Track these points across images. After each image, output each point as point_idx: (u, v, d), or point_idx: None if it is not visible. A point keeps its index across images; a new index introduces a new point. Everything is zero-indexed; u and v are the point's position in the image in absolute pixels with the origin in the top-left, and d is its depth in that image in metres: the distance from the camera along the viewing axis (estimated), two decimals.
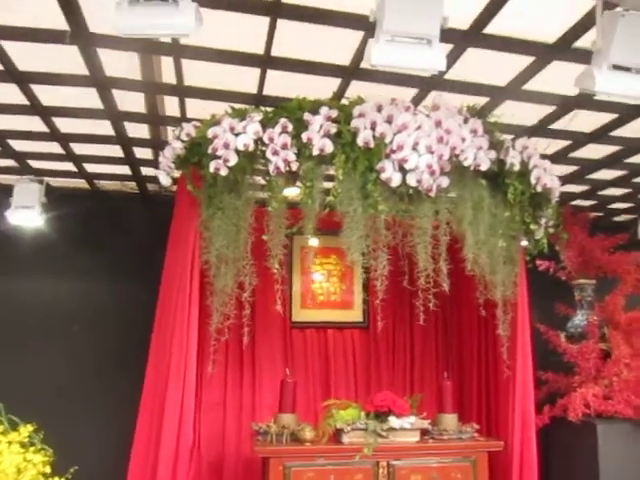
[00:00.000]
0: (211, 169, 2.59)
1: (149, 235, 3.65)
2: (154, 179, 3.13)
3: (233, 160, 2.58)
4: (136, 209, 4.08)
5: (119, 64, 2.41)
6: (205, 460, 3.76)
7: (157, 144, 3.23)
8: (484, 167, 2.64)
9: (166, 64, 2.47)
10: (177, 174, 2.93)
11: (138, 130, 3.16)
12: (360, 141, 2.50)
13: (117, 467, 3.06)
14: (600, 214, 4.65)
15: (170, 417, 2.88)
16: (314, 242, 4.16)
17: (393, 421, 2.93)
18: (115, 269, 3.95)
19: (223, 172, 2.59)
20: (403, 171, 2.54)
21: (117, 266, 3.96)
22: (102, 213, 4.05)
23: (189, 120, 2.83)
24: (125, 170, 3.64)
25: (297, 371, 4.06)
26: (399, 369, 4.21)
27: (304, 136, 2.49)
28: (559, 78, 2.31)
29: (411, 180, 2.53)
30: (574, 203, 4.27)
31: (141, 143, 3.33)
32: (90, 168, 3.67)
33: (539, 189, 2.87)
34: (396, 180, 2.54)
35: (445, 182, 2.62)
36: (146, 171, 3.67)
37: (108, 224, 4.01)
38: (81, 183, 3.91)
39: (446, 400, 3.21)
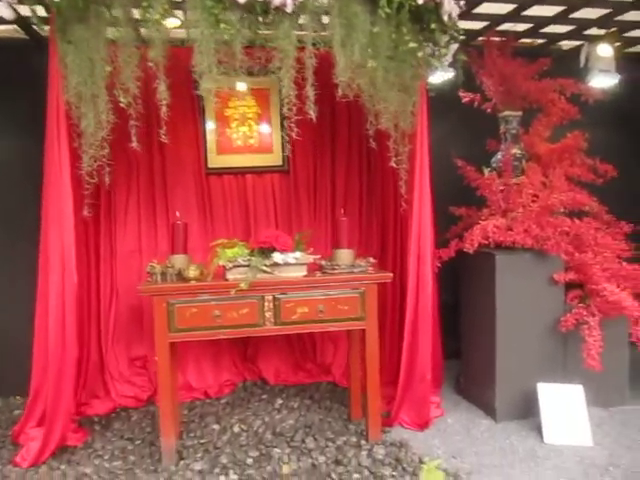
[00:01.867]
0: None
1: (42, 84, 3.44)
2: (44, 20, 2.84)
3: None
4: (31, 57, 3.80)
5: None
6: (125, 304, 3.89)
7: None
8: None
9: None
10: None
11: None
12: None
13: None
14: (542, 41, 4.33)
15: (54, 261, 2.90)
16: (241, 86, 3.95)
17: (277, 257, 2.93)
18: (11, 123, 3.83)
19: None
20: None
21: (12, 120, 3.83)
22: None
23: None
24: None
25: (216, 217, 4.08)
26: (321, 212, 4.19)
27: None
28: None
29: None
30: (504, 28, 3.94)
31: None
32: None
33: (420, 1, 2.58)
34: None
35: None
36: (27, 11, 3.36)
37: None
38: None
39: (341, 236, 3.18)
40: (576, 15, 3.77)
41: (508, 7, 3.61)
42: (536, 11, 3.67)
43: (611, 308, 3.25)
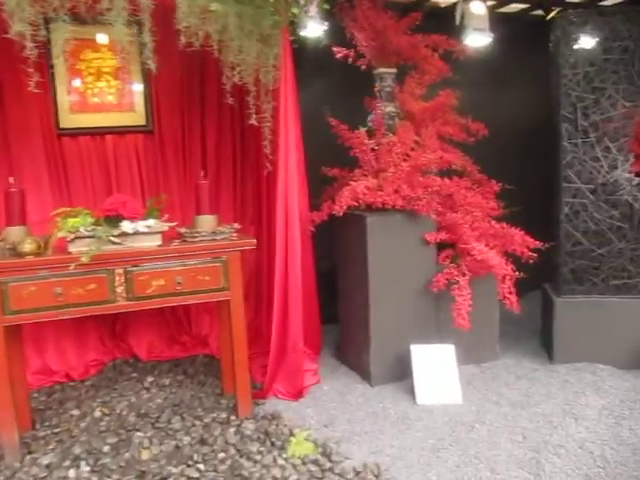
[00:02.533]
0: None
1: None
2: None
3: None
4: None
5: None
6: None
7: None
8: None
9: None
10: None
11: None
12: None
13: None
14: None
15: None
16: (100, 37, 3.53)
17: (126, 226, 2.65)
18: None
19: None
20: None
21: None
22: None
23: None
24: None
25: (72, 184, 3.70)
26: (191, 176, 3.89)
27: None
28: None
29: None
30: None
31: None
32: None
33: None
34: None
35: None
36: None
37: None
38: None
39: (203, 201, 2.94)
40: None
41: None
42: None
43: (480, 267, 3.26)
